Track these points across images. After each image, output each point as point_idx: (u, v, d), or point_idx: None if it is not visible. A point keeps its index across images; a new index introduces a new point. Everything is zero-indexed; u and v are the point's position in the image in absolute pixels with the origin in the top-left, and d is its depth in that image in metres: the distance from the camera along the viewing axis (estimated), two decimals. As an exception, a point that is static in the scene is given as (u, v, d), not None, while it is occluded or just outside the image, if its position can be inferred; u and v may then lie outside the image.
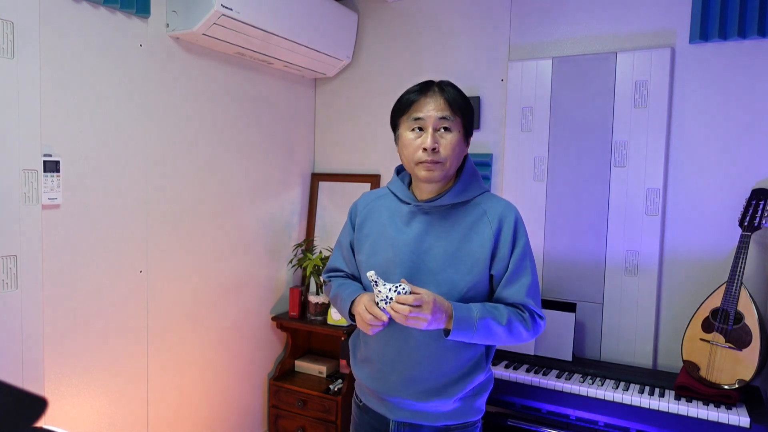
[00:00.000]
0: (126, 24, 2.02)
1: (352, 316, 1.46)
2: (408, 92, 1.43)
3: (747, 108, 2.12)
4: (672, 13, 2.24)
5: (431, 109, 1.38)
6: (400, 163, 1.52)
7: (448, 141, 1.38)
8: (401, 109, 1.44)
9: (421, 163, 1.39)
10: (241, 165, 2.60)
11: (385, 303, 1.31)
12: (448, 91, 1.40)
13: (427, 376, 1.42)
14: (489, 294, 1.46)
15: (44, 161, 1.77)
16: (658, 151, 2.23)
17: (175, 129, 2.25)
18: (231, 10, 2.08)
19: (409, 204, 1.47)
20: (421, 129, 1.39)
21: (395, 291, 1.30)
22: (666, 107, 2.22)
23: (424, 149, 1.37)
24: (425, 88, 1.41)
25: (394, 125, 1.48)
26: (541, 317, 1.44)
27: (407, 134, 1.41)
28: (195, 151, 2.34)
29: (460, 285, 1.40)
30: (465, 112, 1.41)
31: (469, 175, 1.47)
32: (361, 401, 1.58)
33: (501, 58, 2.58)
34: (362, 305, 1.38)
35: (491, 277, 1.44)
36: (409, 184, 1.52)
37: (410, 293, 1.29)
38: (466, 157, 1.49)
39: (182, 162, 2.29)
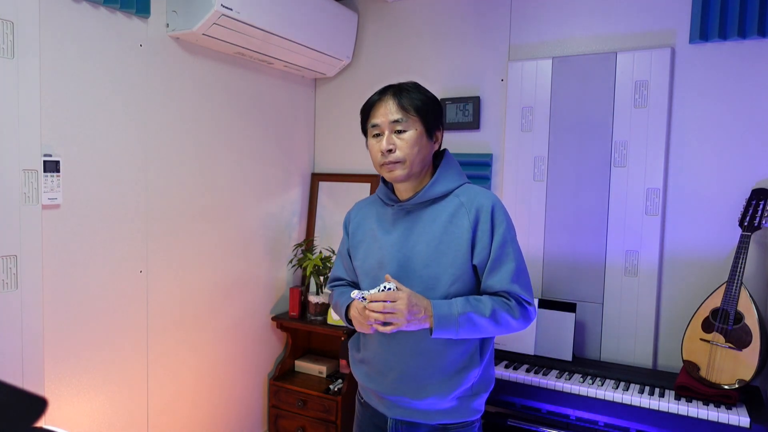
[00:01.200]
0: (126, 24, 2.02)
1: (350, 321, 1.52)
2: (367, 100, 1.51)
3: (747, 108, 2.12)
4: (672, 13, 2.24)
5: (383, 113, 1.45)
6: None
7: (404, 141, 1.43)
8: (363, 117, 1.53)
9: (383, 165, 1.46)
10: (241, 165, 2.60)
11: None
12: (403, 94, 1.45)
13: (422, 373, 1.44)
14: (477, 286, 1.46)
15: (44, 161, 1.77)
16: (658, 151, 2.23)
17: (175, 129, 2.24)
18: (231, 10, 2.08)
19: (392, 206, 1.52)
20: (380, 134, 1.46)
21: (382, 290, 1.34)
22: (666, 107, 2.22)
23: (382, 152, 1.44)
24: (381, 94, 1.49)
25: (364, 133, 1.55)
26: (529, 303, 1.42)
27: (370, 140, 1.51)
28: (195, 150, 2.34)
29: (443, 279, 1.41)
30: (422, 110, 1.45)
31: (444, 170, 1.50)
32: (362, 398, 1.63)
33: (501, 58, 2.58)
34: (355, 308, 1.44)
35: (476, 268, 1.44)
36: (394, 187, 1.57)
37: (396, 289, 1.34)
38: (444, 152, 1.54)
39: (182, 162, 2.29)
